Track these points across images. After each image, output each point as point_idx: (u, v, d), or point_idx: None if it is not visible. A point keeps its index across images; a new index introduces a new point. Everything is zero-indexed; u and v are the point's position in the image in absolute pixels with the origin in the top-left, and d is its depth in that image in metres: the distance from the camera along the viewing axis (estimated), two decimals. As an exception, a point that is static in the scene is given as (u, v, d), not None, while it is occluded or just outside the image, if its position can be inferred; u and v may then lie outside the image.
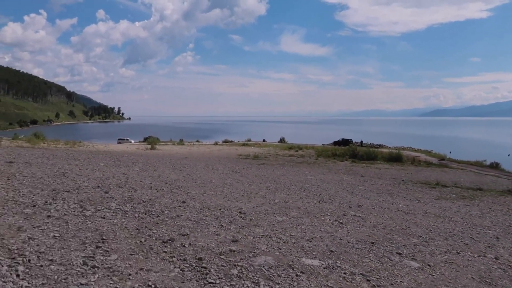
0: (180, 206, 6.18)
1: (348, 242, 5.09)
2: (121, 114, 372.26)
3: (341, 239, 5.16)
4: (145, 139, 53.94)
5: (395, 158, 28.11)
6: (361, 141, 56.82)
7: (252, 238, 4.83)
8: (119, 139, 58.91)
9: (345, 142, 50.11)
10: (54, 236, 4.07)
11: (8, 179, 6.98)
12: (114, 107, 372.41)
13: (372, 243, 5.16)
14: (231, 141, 53.16)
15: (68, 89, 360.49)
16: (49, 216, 4.77)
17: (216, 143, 49.58)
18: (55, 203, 5.46)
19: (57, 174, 8.18)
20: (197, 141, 56.91)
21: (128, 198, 6.37)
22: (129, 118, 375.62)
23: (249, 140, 53.90)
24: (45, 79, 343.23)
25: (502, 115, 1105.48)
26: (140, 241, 4.27)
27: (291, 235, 5.14)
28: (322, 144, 52.41)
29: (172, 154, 28.63)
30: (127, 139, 58.45)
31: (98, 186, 7.15)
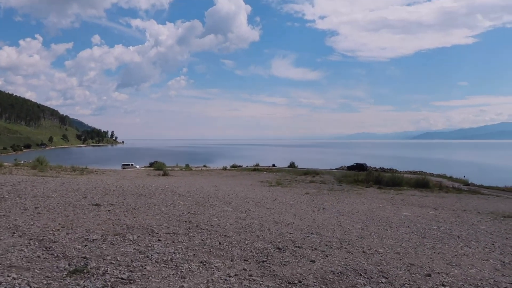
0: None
1: None
2: (114, 138, 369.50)
3: None
4: (151, 164, 52.68)
5: (422, 184, 27.53)
6: (365, 165, 55.70)
7: None
8: (123, 165, 57.53)
9: (359, 167, 49.35)
10: None
11: (175, 241, 5.63)
12: (107, 131, 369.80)
13: None
14: (239, 166, 52.29)
15: (60, 113, 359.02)
16: None
17: (224, 168, 48.62)
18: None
19: (189, 226, 6.87)
20: (204, 166, 55.87)
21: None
22: (123, 142, 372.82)
23: (258, 165, 53.06)
24: (38, 102, 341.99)
25: (491, 138, 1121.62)
26: None
27: None
28: (330, 169, 51.89)
29: (192, 182, 27.60)
30: (132, 164, 57.07)
31: (279, 248, 5.92)
